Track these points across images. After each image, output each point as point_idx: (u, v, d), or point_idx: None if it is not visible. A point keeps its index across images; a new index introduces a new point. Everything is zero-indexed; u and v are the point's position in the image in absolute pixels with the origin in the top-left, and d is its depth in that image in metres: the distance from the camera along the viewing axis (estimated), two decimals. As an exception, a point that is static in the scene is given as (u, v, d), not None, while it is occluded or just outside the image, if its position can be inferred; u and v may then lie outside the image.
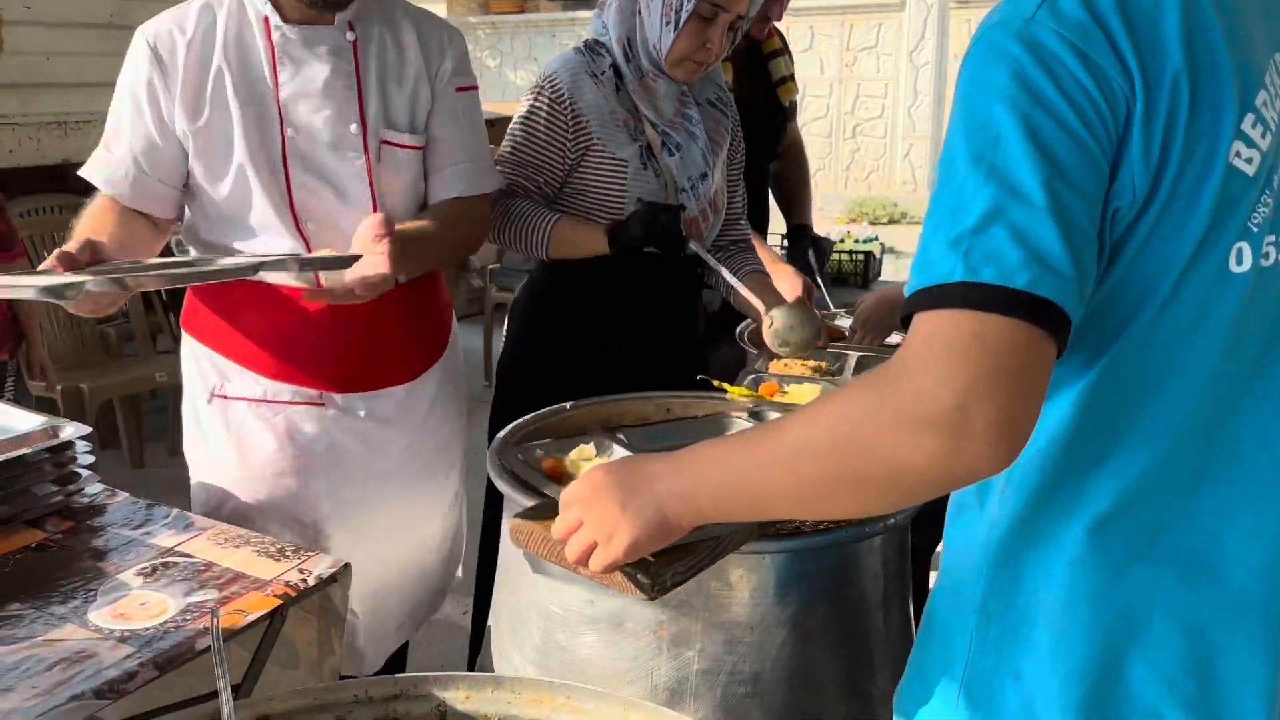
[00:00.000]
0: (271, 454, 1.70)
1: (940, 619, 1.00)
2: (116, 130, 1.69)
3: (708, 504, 0.92)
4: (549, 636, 1.28)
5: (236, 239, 1.69)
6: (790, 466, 0.85)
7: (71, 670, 1.11)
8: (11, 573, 1.33)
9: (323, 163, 1.67)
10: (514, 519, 1.08)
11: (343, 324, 1.69)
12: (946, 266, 0.79)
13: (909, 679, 1.04)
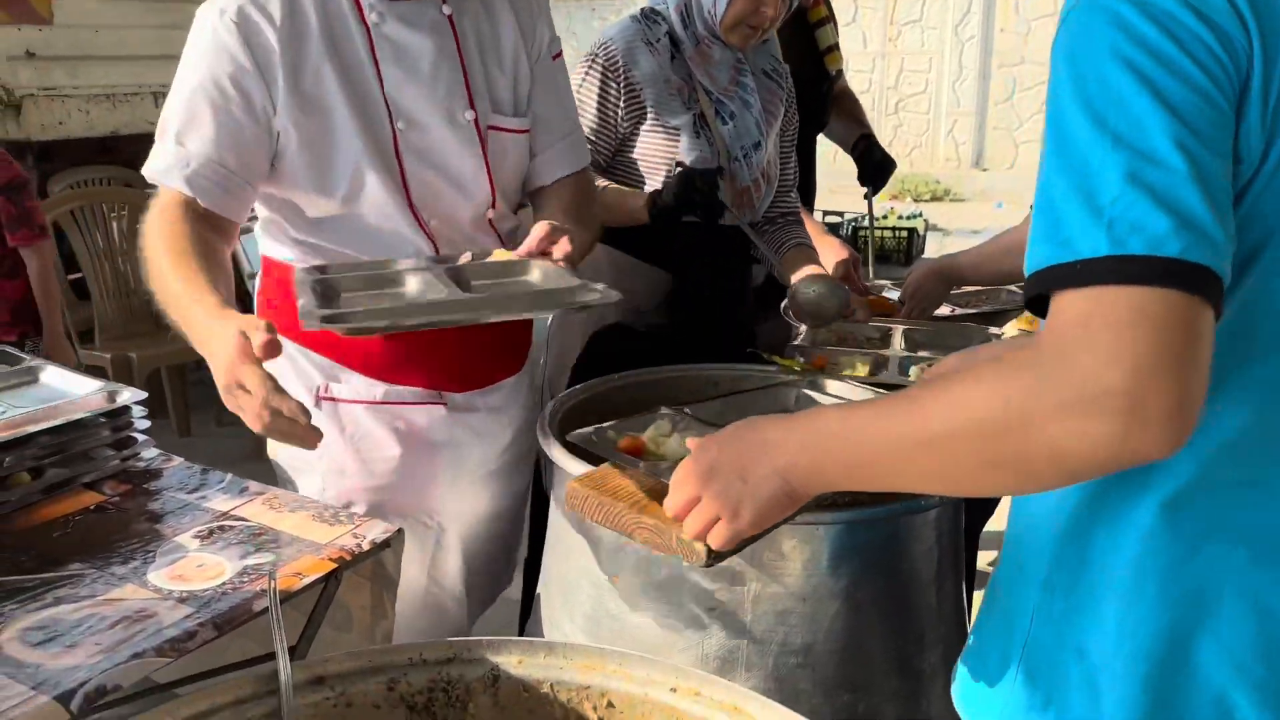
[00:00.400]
0: (393, 456, 1.60)
1: (1003, 594, 0.99)
2: (191, 121, 1.44)
3: (839, 477, 0.91)
4: (600, 605, 1.28)
5: (354, 243, 1.55)
6: (939, 448, 0.82)
7: (133, 629, 1.13)
8: (72, 534, 1.35)
9: (437, 155, 1.54)
10: (571, 483, 1.08)
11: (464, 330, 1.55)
12: (1089, 240, 0.75)
13: (969, 653, 1.03)
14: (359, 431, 1.59)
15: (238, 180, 1.45)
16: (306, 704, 1.12)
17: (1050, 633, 0.94)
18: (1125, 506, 0.88)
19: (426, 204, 1.54)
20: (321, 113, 1.47)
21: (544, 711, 1.16)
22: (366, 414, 1.58)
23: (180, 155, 1.43)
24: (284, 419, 1.17)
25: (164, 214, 1.41)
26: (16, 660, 1.07)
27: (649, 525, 1.00)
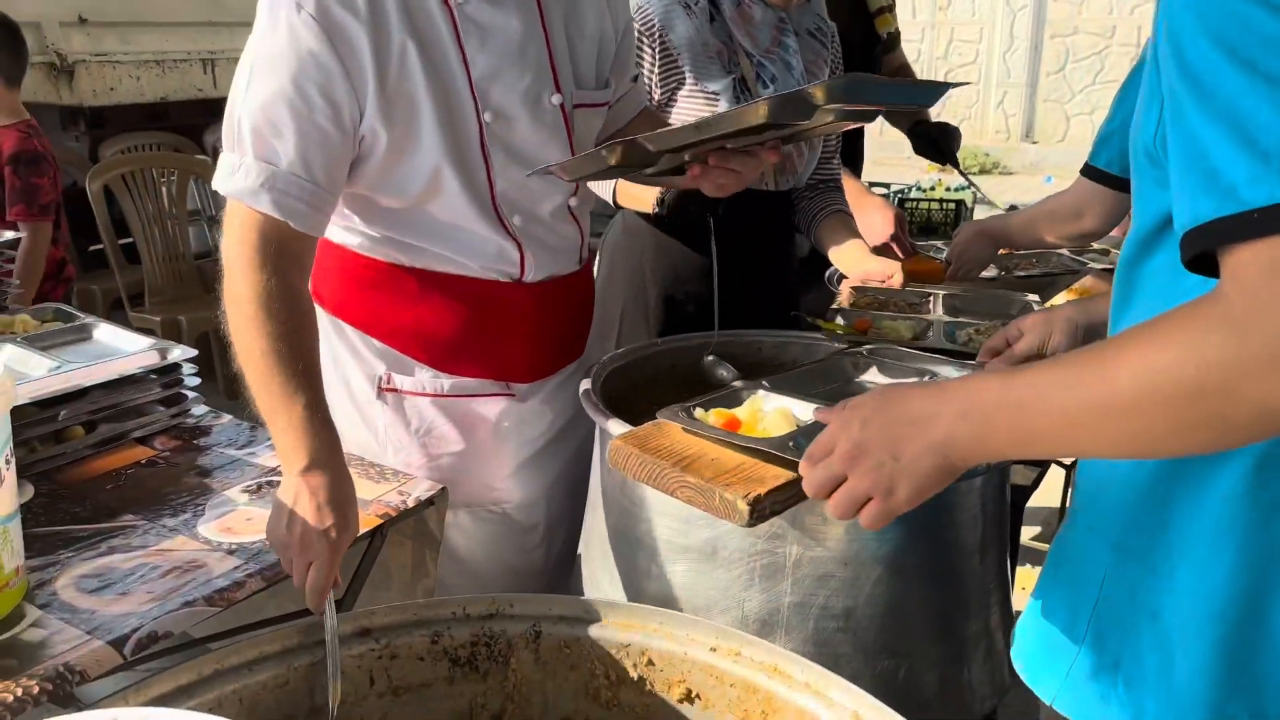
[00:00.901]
0: (458, 451, 1.53)
1: (1070, 557, 0.99)
2: (274, 132, 1.25)
3: (1006, 447, 0.88)
4: (641, 564, 1.29)
5: (427, 237, 1.43)
6: (1131, 414, 0.79)
7: (184, 578, 1.15)
8: (124, 486, 1.38)
9: (524, 146, 1.41)
10: (615, 441, 1.08)
11: (543, 312, 1.52)
12: (1262, 188, 0.71)
13: (1031, 617, 1.03)
14: (423, 425, 1.51)
15: (325, 195, 1.30)
16: (352, 655, 1.14)
17: (1123, 595, 0.93)
18: (1210, 470, 0.87)
19: (510, 201, 1.42)
20: (409, 111, 1.33)
21: (585, 667, 1.17)
22: (431, 407, 1.50)
23: (264, 172, 1.25)
24: None
25: (248, 250, 1.24)
26: (72, 606, 1.10)
27: (692, 484, 1.00)
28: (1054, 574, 1.01)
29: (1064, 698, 0.98)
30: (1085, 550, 0.97)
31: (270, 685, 1.09)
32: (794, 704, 1.04)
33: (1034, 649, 1.02)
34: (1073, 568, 0.98)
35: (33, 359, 1.51)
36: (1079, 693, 0.97)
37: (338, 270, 1.49)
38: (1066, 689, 0.97)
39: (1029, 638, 1.02)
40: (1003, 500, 1.33)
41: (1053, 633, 0.99)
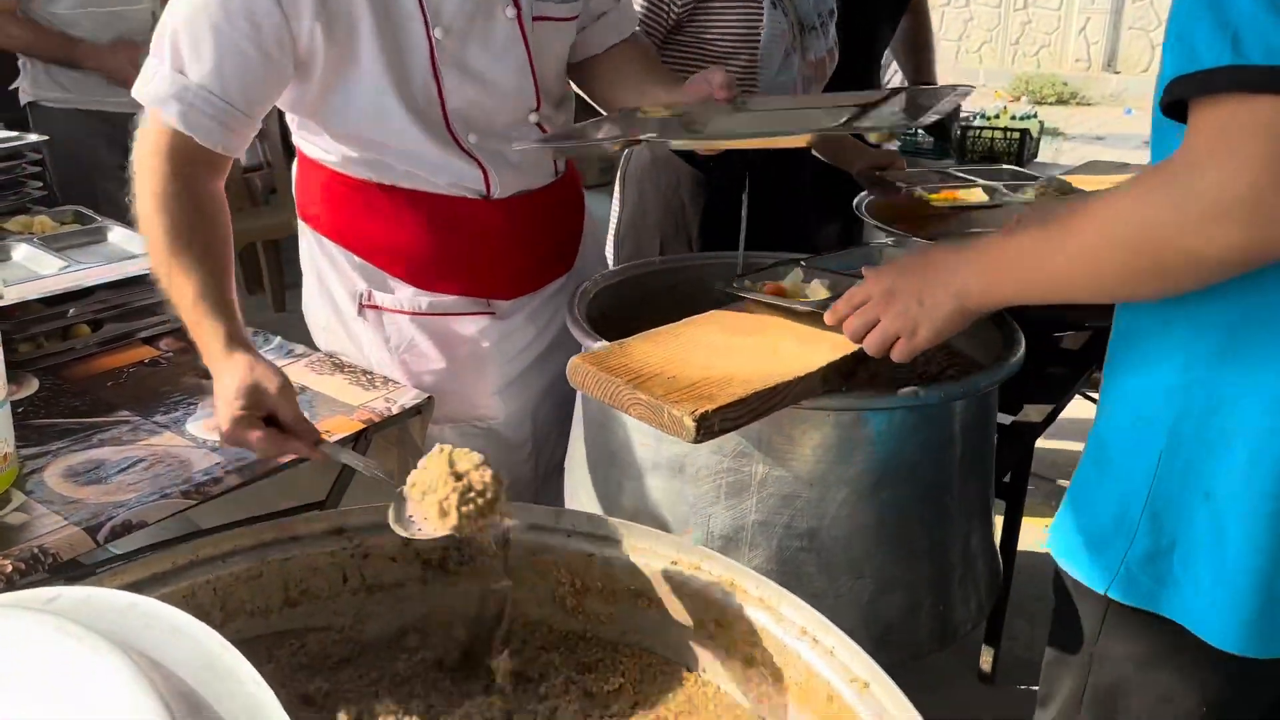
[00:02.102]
0: (438, 368, 1.53)
1: (1115, 448, 1.04)
2: (194, 44, 1.25)
3: (1012, 293, 1.03)
4: (615, 480, 1.30)
5: (390, 154, 1.41)
6: (1092, 261, 0.93)
7: (165, 472, 1.19)
8: (125, 383, 1.43)
9: (478, 63, 1.38)
10: (573, 359, 1.09)
11: (517, 227, 1.50)
12: (1213, 51, 0.80)
13: (1069, 515, 1.08)
14: (403, 342, 1.52)
15: (239, 116, 1.28)
16: (325, 553, 1.17)
17: (1175, 479, 0.99)
18: (1268, 345, 0.92)
19: (464, 119, 1.39)
20: (348, 29, 1.29)
21: (552, 575, 1.19)
22: (411, 324, 1.50)
23: (176, 83, 1.25)
24: None
25: (156, 158, 1.25)
26: (58, 494, 1.15)
27: (643, 400, 1.00)
28: (1097, 468, 1.07)
29: (1119, 586, 1.03)
30: (1133, 438, 1.01)
31: (244, 577, 1.13)
32: (745, 617, 1.05)
33: (1081, 544, 1.07)
34: (1122, 458, 1.03)
35: (45, 258, 1.55)
36: (1135, 580, 1.03)
37: (319, 187, 1.50)
38: (1121, 577, 1.03)
39: (1074, 534, 1.07)
40: (986, 426, 1.31)
41: (1103, 525, 1.04)
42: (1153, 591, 1.02)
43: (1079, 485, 1.10)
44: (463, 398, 1.55)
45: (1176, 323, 0.98)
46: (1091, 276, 0.94)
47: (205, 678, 0.67)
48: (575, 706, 1.07)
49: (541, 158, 1.51)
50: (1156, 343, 1.01)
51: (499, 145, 1.43)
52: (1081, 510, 1.08)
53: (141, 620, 0.74)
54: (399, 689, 1.11)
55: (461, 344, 1.52)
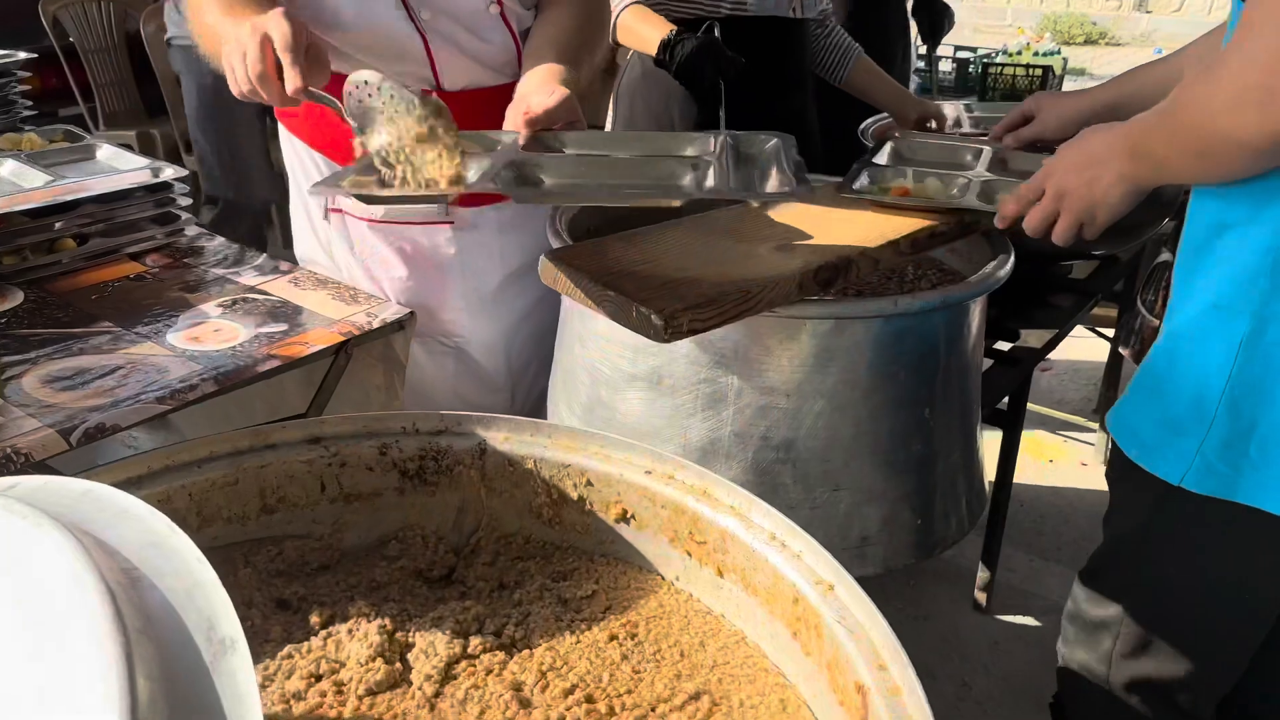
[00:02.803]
0: (399, 277, 1.53)
1: (1190, 337, 1.07)
2: None
3: (1154, 174, 1.07)
4: (595, 393, 1.29)
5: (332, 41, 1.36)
6: (1179, 142, 1.00)
7: (141, 379, 1.19)
8: (109, 297, 1.43)
9: None
10: (543, 256, 1.07)
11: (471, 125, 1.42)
12: None
13: (1138, 407, 1.12)
14: (366, 248, 1.52)
15: None
16: (302, 460, 1.18)
17: (1258, 364, 1.02)
18: None
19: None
20: None
21: (528, 485, 1.19)
22: (371, 232, 1.50)
23: None
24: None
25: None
26: (39, 400, 1.15)
27: (612, 298, 0.99)
28: (1170, 360, 1.10)
29: (1194, 475, 1.07)
30: (1213, 326, 1.05)
31: (219, 483, 1.13)
32: (717, 525, 1.05)
33: (1155, 433, 1.10)
34: (1198, 345, 1.06)
35: (30, 173, 1.55)
36: (1210, 467, 1.06)
37: None
38: (1197, 466, 1.06)
39: (1144, 426, 1.11)
40: (966, 345, 1.29)
41: (1177, 414, 1.08)
42: (1230, 479, 1.05)
43: (1148, 377, 1.13)
44: (428, 311, 1.53)
45: (1265, 203, 1.01)
46: (1180, 155, 1.00)
47: (149, 555, 0.67)
48: (548, 611, 1.08)
49: (501, 52, 1.46)
50: (1242, 229, 1.03)
51: (454, 31, 1.40)
52: (1152, 402, 1.12)
53: (93, 505, 0.74)
54: (374, 594, 1.12)
55: (422, 254, 1.51)
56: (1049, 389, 3.38)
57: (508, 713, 0.93)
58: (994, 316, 1.90)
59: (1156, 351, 1.14)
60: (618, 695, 0.95)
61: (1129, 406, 1.16)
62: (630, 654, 1.01)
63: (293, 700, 0.95)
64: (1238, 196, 1.03)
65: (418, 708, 0.94)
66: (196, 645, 0.61)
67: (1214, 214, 1.07)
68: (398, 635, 1.02)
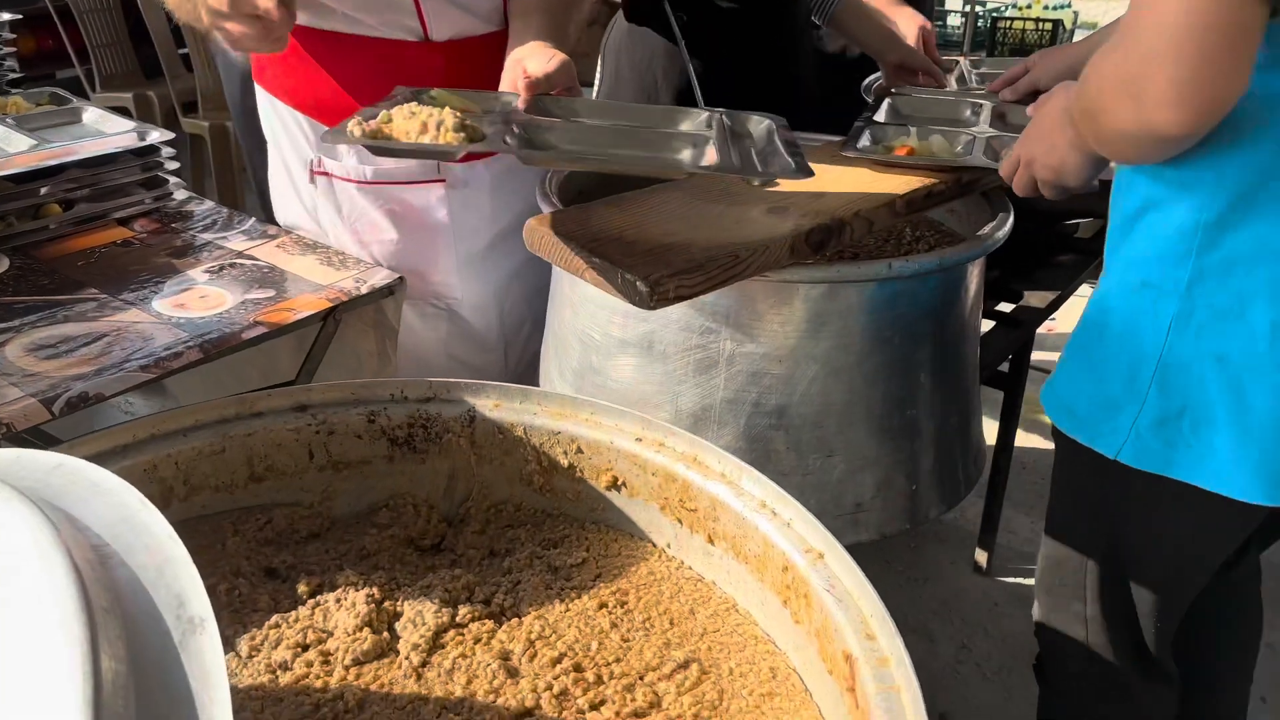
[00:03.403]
0: (389, 240, 1.51)
1: (1121, 314, 1.06)
2: None
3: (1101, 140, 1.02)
4: (586, 360, 1.28)
5: (308, 16, 1.37)
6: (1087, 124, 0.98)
7: (126, 347, 1.18)
8: (96, 263, 1.41)
9: None
10: (529, 222, 1.05)
11: (461, 78, 1.39)
12: None
13: (1076, 381, 1.11)
14: (354, 211, 1.48)
15: None
16: (290, 429, 1.17)
17: (1188, 343, 1.01)
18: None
19: None
20: None
21: (518, 453, 1.18)
22: (360, 195, 1.47)
23: None
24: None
25: None
26: (22, 369, 1.14)
27: (597, 264, 0.97)
28: (1101, 335, 1.09)
29: (1129, 449, 1.07)
30: (1142, 304, 1.04)
31: (206, 452, 1.12)
32: (707, 492, 1.04)
33: (1089, 409, 1.10)
34: (1127, 322, 1.05)
35: (14, 137, 1.52)
36: (1144, 443, 1.06)
37: None
38: (1131, 442, 1.07)
39: (1078, 401, 1.11)
40: (964, 308, 1.27)
41: (1110, 391, 1.08)
42: (1165, 455, 1.06)
43: (1079, 350, 1.12)
44: (419, 274, 1.51)
45: (1191, 187, 0.99)
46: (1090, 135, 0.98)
47: (120, 531, 0.66)
48: (539, 579, 1.07)
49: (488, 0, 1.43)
50: (1168, 209, 1.02)
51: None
52: (1084, 376, 1.11)
53: (65, 479, 0.73)
54: (363, 562, 1.11)
55: (412, 214, 1.49)
56: (1054, 348, 3.36)
57: (495, 682, 0.92)
58: (995, 277, 1.87)
59: (1087, 323, 1.13)
60: (606, 664, 0.95)
61: (1062, 381, 1.15)
62: (619, 622, 1.01)
63: (279, 670, 0.95)
64: (1161, 176, 1.01)
65: (404, 677, 0.94)
66: (165, 624, 0.60)
67: (1140, 188, 1.06)
68: (386, 604, 1.02)
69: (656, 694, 0.91)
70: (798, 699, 0.92)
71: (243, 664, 0.95)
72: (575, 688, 0.91)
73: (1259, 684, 1.78)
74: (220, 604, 1.02)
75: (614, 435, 1.13)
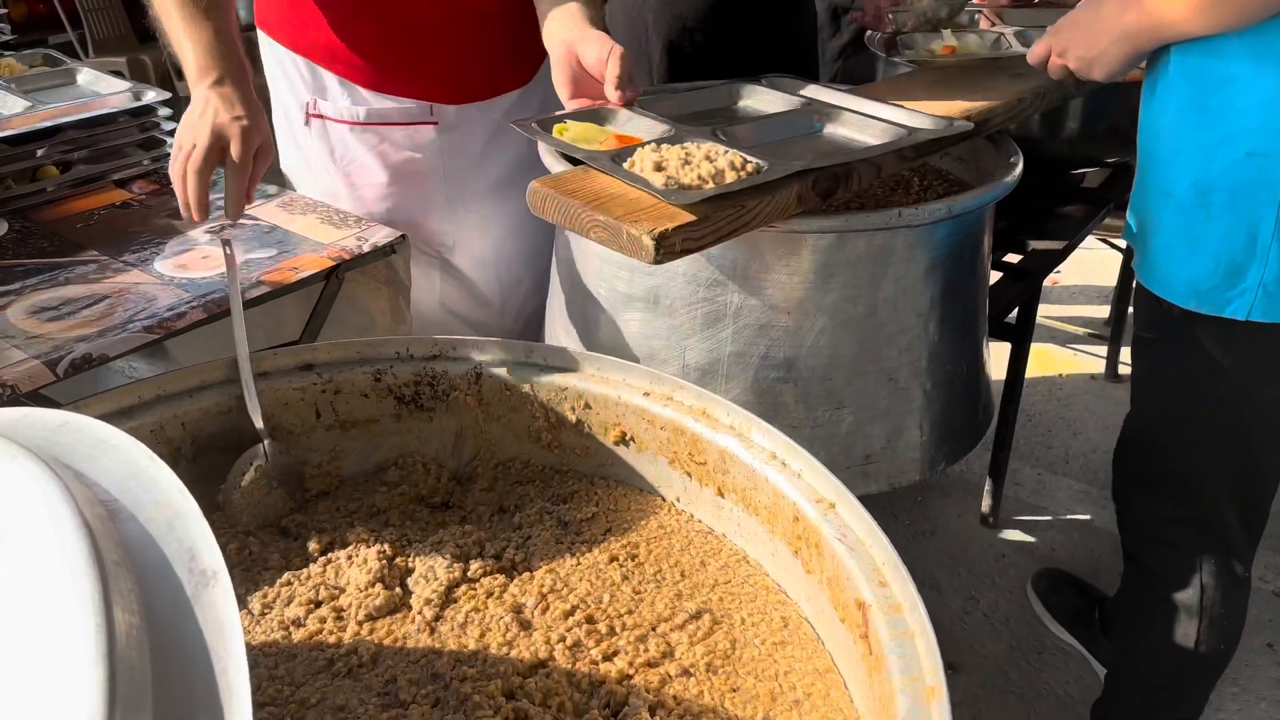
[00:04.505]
0: (379, 183, 1.51)
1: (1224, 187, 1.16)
2: None
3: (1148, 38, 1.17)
4: (593, 316, 1.27)
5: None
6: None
7: (129, 308, 1.17)
8: (95, 225, 1.40)
9: None
10: (532, 183, 1.03)
11: (460, 24, 1.44)
12: None
13: (1189, 260, 1.21)
14: (346, 154, 1.48)
15: None
16: (296, 388, 1.16)
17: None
18: None
19: None
20: None
21: (525, 410, 1.18)
22: (351, 135, 1.47)
23: None
24: None
25: None
26: (24, 331, 1.13)
27: (602, 221, 0.96)
28: (1207, 212, 1.18)
29: (1260, 306, 1.18)
30: (1252, 178, 1.13)
31: (212, 411, 1.12)
32: (716, 445, 1.04)
33: (1211, 280, 1.19)
34: (1241, 194, 1.15)
35: (9, 99, 1.51)
36: (1275, 296, 1.16)
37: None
38: (1260, 299, 1.17)
39: (1202, 274, 1.20)
40: (973, 257, 1.25)
41: (1233, 258, 1.17)
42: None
43: (1182, 233, 1.21)
44: (411, 219, 1.51)
45: (1263, 56, 1.09)
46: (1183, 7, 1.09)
47: (128, 486, 0.66)
48: (549, 534, 1.07)
49: None
50: (1248, 83, 1.11)
51: None
52: (1197, 254, 1.20)
53: (72, 437, 0.72)
54: (373, 519, 1.11)
55: (402, 159, 1.48)
56: (1059, 301, 3.35)
57: (508, 635, 0.92)
58: (1003, 228, 1.85)
59: (1184, 205, 1.20)
60: (618, 615, 0.95)
61: (1173, 266, 1.23)
62: (631, 574, 1.01)
63: (292, 627, 0.95)
64: (1236, 51, 1.11)
65: (418, 632, 0.94)
66: (178, 577, 0.59)
67: (1211, 70, 1.14)
68: (397, 560, 1.02)
69: (669, 644, 0.91)
70: (809, 647, 0.92)
71: (255, 621, 0.96)
72: (588, 639, 0.91)
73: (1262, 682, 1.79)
74: (231, 563, 1.02)
75: (621, 390, 1.12)
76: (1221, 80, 1.13)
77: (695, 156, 0.99)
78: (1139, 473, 1.44)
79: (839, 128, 1.17)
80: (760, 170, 0.97)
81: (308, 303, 1.37)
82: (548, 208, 1.01)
